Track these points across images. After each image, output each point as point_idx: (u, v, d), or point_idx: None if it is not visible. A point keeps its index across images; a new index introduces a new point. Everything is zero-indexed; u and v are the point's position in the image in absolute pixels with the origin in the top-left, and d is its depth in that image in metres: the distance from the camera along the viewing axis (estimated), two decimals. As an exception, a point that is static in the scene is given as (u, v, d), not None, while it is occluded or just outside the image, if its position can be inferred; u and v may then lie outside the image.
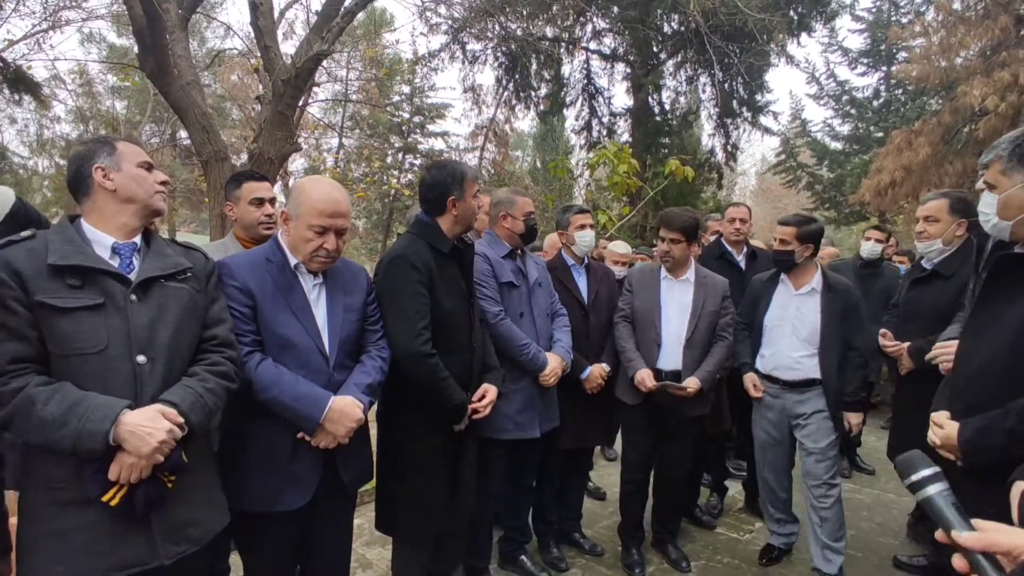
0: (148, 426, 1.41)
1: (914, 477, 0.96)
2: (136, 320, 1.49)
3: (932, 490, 0.94)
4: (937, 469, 0.96)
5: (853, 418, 2.94)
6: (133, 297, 1.50)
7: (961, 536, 0.87)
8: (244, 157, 7.31)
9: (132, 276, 1.53)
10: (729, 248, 3.94)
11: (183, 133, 12.90)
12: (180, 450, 1.48)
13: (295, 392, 1.80)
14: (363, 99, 15.93)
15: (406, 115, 20.87)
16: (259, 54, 5.55)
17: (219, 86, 16.08)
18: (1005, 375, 1.55)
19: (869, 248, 4.52)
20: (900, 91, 16.15)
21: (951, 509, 0.91)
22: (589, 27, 13.59)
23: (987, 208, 1.66)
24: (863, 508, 3.92)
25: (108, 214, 1.57)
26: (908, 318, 2.94)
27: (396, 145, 21.00)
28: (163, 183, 1.67)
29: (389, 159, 20.44)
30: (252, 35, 6.09)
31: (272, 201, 2.49)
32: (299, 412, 1.80)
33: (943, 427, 1.68)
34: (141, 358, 1.49)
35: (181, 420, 1.47)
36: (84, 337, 1.43)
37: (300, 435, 1.85)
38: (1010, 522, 1.03)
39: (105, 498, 1.41)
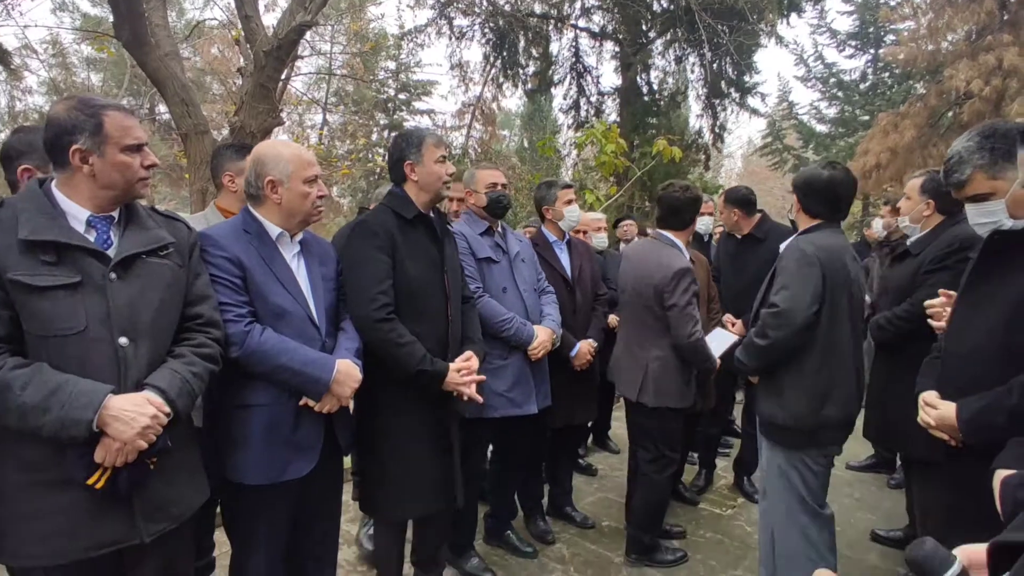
0: (133, 412, 1.37)
1: None
2: (116, 300, 1.42)
3: None
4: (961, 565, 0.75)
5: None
6: (112, 275, 1.43)
7: None
8: (225, 131, 7.14)
9: (111, 252, 1.45)
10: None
11: (162, 107, 12.58)
12: (165, 435, 1.45)
13: (305, 357, 1.79)
14: (348, 74, 15.62)
15: (392, 92, 20.55)
16: (240, 25, 5.39)
17: (199, 59, 15.65)
18: (1000, 353, 1.53)
19: (880, 226, 4.12)
20: (887, 74, 16.24)
21: None
22: (578, 4, 13.39)
23: (985, 217, 1.61)
24: (843, 484, 3.99)
25: (83, 193, 1.46)
26: (880, 293, 3.00)
27: (381, 122, 20.70)
28: (150, 166, 1.54)
29: (374, 136, 20.16)
30: (232, 5, 5.91)
31: None
32: (310, 376, 1.79)
33: (936, 407, 1.66)
34: (123, 340, 1.43)
35: (168, 409, 1.44)
36: (62, 318, 1.36)
37: (303, 401, 1.83)
38: None
39: (90, 481, 1.38)
